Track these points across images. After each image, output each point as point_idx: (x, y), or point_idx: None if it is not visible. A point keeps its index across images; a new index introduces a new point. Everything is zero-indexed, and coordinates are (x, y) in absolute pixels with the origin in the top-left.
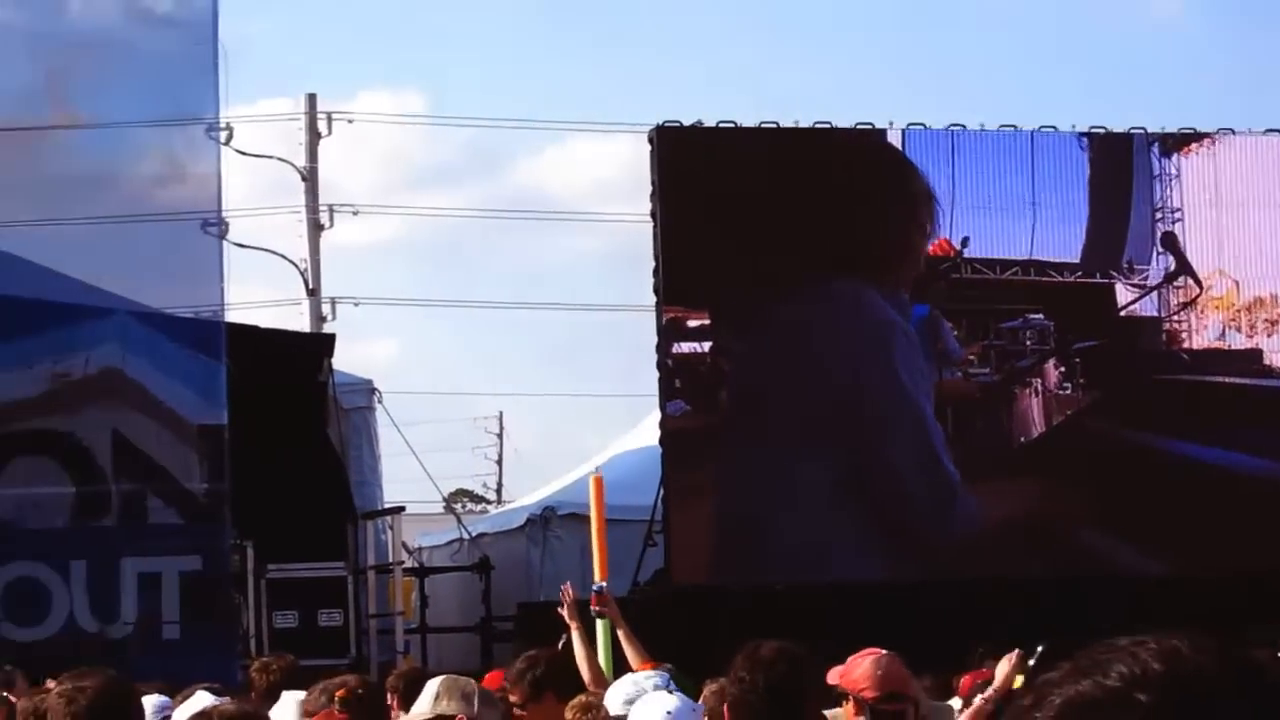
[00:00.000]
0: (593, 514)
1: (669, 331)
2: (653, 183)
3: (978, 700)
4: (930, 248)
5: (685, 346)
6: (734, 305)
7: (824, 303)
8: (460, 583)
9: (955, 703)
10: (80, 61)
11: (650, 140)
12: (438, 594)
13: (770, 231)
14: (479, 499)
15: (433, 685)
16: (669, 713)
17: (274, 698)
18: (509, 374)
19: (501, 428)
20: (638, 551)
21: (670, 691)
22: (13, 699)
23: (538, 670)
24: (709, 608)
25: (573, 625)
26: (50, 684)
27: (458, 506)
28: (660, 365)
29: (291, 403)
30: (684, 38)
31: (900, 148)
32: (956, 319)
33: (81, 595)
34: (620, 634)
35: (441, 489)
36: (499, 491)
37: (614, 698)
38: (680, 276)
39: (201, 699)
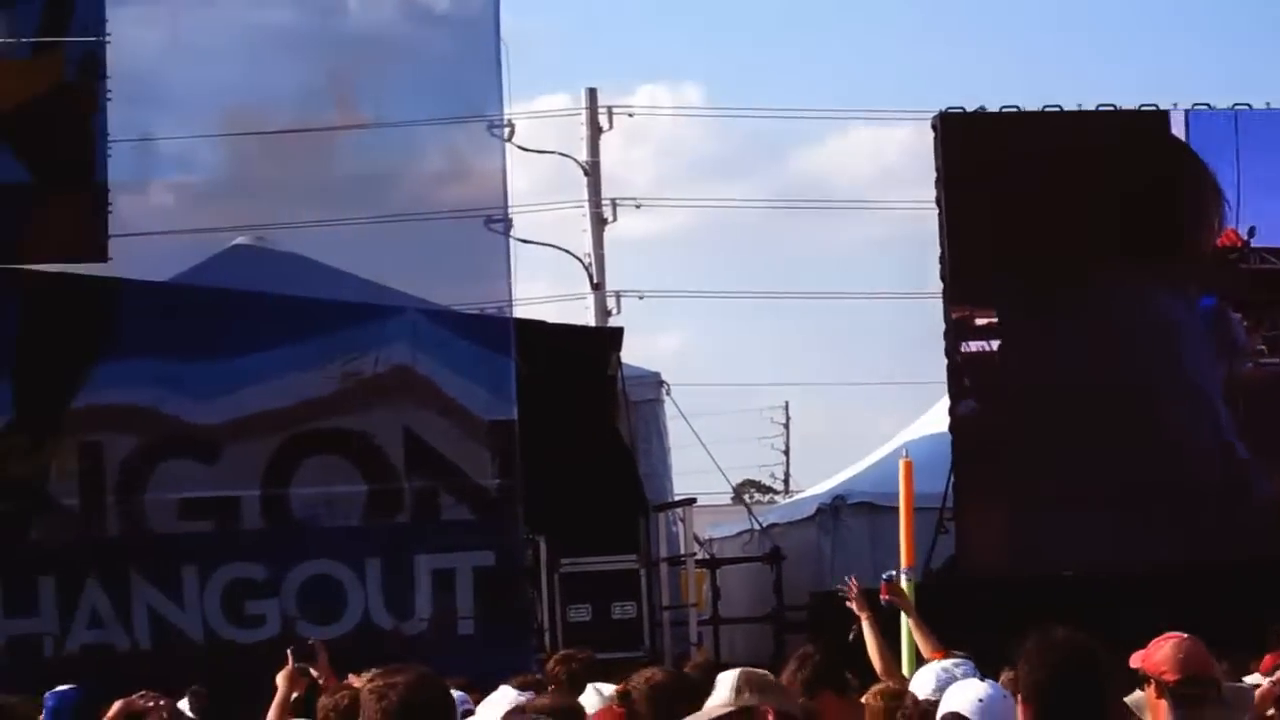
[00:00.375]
0: (901, 499)
1: (957, 330)
2: (937, 170)
3: (1266, 683)
4: (1218, 240)
5: (973, 345)
6: (1020, 299)
7: (1110, 296)
8: (751, 574)
9: (1255, 678)
10: (361, 62)
11: (934, 127)
12: (729, 585)
13: (1055, 220)
14: (766, 489)
15: (729, 678)
16: (980, 700)
17: (576, 691)
18: (794, 363)
19: (788, 417)
20: (928, 539)
21: (981, 679)
22: (315, 673)
23: (806, 671)
24: (1001, 595)
25: (863, 615)
26: (353, 679)
27: (746, 497)
28: (949, 362)
29: (581, 397)
30: (961, 21)
31: (1184, 130)
32: (1246, 309)
33: (376, 593)
34: (910, 622)
35: (730, 480)
36: (786, 481)
37: (922, 684)
38: (965, 266)
39: (505, 694)
